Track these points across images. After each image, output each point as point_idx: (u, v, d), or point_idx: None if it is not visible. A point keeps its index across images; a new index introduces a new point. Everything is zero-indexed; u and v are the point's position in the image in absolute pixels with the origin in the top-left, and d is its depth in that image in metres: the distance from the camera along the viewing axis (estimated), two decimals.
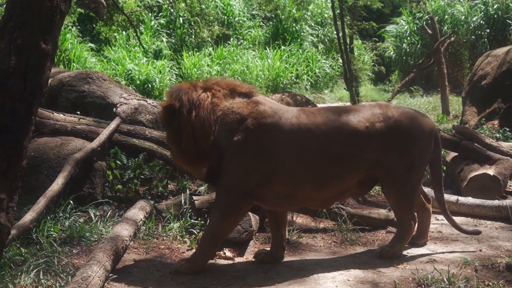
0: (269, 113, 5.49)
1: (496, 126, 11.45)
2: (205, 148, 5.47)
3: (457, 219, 7.04)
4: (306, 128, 5.47)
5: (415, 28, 24.85)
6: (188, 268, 5.38)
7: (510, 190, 8.43)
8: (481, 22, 22.88)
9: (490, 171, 7.80)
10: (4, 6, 5.75)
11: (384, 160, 5.62)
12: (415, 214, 5.96)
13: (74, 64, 21.05)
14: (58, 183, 6.43)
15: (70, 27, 22.26)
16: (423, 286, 4.91)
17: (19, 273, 5.00)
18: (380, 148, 5.60)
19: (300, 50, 24.78)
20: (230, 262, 5.74)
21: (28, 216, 5.77)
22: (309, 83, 23.46)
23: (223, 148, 5.38)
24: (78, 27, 23.73)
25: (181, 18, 24.35)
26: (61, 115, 8.14)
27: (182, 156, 5.65)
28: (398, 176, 5.68)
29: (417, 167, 5.79)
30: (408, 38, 25.16)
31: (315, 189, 5.56)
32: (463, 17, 23.63)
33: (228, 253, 5.87)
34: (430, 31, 18.29)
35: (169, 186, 8.13)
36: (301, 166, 5.44)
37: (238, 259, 5.82)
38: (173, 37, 24.61)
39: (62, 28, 4.95)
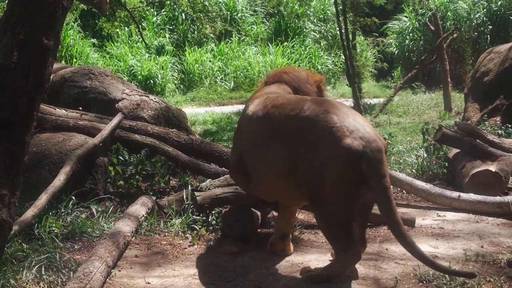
0: (253, 97, 5.75)
1: (498, 122, 11.43)
2: None
3: (459, 216, 7.06)
4: (249, 116, 5.50)
5: (418, 25, 24.79)
6: None
7: None
8: (484, 18, 22.81)
9: (492, 167, 7.79)
10: (6, 1, 5.75)
11: (297, 164, 4.93)
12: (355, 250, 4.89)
13: (76, 60, 21.09)
14: (60, 179, 6.44)
15: (72, 23, 22.27)
16: (425, 282, 4.91)
17: (21, 269, 5.01)
18: (293, 149, 4.95)
19: (302, 46, 24.76)
20: (232, 257, 5.75)
21: (30, 212, 5.79)
22: None
23: None
24: (80, 23, 23.75)
25: (183, 14, 24.34)
26: (63, 110, 8.15)
27: None
28: (310, 191, 4.87)
29: (331, 189, 4.73)
30: (411, 34, 25.11)
31: (262, 183, 5.38)
32: (465, 13, 23.57)
33: (231, 248, 5.88)
34: (432, 28, 18.25)
35: (171, 182, 8.14)
36: (247, 156, 5.44)
37: (240, 255, 5.83)
38: (175, 33, 24.60)
39: (64, 24, 4.96)
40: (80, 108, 8.54)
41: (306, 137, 4.84)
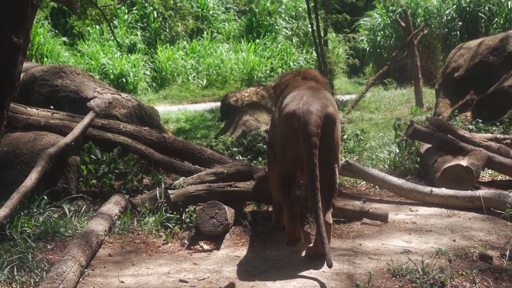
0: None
1: (469, 117, 11.55)
2: None
3: (432, 210, 7.11)
4: None
5: (389, 21, 24.96)
6: None
7: (483, 180, 8.52)
8: (454, 15, 23.05)
9: (463, 162, 7.86)
10: None
11: None
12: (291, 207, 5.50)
13: (47, 59, 20.92)
14: (31, 178, 6.38)
15: (43, 21, 22.08)
16: (398, 277, 4.94)
17: None
18: None
19: (274, 43, 24.79)
20: (206, 254, 5.74)
21: (1, 212, 5.72)
22: None
23: None
24: (51, 21, 23.56)
25: (155, 12, 24.26)
26: (34, 109, 8.08)
27: None
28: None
29: (277, 143, 5.82)
30: (382, 31, 25.27)
31: None
32: (435, 10, 23.78)
33: (205, 246, 5.88)
34: (403, 24, 18.38)
35: (144, 180, 8.11)
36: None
37: (214, 252, 5.82)
38: (147, 31, 24.52)
39: (34, 22, 4.91)
40: (51, 107, 8.46)
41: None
